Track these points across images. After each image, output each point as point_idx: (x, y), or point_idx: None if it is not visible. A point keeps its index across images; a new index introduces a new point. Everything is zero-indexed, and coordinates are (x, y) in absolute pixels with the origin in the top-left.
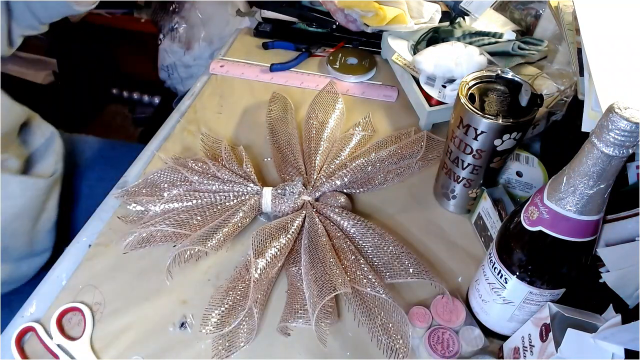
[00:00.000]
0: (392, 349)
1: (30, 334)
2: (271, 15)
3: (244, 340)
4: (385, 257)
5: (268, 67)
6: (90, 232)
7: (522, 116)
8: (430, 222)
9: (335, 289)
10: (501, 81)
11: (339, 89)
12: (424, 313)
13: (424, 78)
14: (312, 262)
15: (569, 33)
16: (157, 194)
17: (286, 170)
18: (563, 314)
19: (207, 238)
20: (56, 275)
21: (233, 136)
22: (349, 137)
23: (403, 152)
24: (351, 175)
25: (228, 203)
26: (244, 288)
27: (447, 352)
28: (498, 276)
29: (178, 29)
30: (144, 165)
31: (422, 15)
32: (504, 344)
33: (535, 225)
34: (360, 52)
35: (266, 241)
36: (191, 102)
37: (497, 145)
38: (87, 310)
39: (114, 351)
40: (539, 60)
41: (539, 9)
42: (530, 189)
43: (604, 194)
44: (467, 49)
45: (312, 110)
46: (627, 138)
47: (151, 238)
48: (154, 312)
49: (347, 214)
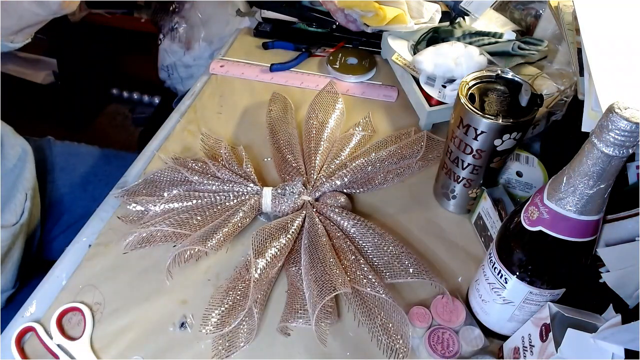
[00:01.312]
0: (392, 349)
1: (30, 334)
2: (271, 15)
3: (244, 340)
4: (385, 257)
5: (268, 67)
6: (90, 232)
7: (522, 116)
8: (430, 222)
9: (335, 289)
10: (501, 81)
11: (339, 89)
12: (424, 313)
13: (424, 78)
14: (312, 262)
15: (569, 33)
16: (157, 194)
17: (286, 170)
18: (563, 314)
19: (207, 238)
20: (56, 275)
21: (233, 136)
22: (349, 137)
23: (403, 152)
24: (351, 175)
25: (228, 203)
26: (244, 288)
27: (447, 352)
28: (498, 276)
29: (178, 29)
30: (144, 165)
31: (422, 15)
32: (504, 344)
33: (535, 225)
34: (360, 52)
35: (266, 241)
36: (191, 102)
37: (497, 145)
38: (87, 310)
39: (114, 351)
40: (539, 60)
41: (539, 9)
42: (530, 189)
43: (604, 194)
44: (467, 49)
45: (312, 110)
46: (627, 138)
47: (151, 238)
48: (154, 312)
49: (347, 214)
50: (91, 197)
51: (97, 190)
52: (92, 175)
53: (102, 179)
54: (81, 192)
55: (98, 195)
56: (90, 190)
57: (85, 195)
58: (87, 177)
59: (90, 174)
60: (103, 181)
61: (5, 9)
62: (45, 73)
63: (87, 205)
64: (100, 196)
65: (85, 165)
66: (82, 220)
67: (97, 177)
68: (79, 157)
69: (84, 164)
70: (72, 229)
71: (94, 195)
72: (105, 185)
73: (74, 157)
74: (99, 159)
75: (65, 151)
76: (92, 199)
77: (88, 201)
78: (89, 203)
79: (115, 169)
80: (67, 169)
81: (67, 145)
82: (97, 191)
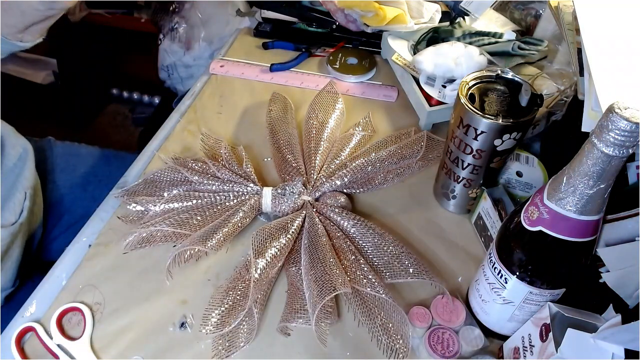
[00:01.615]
0: (392, 349)
1: (30, 334)
2: (271, 15)
3: (244, 340)
4: (385, 257)
5: (268, 67)
6: (90, 232)
7: (522, 116)
8: (430, 222)
9: (335, 289)
10: (501, 81)
11: (339, 89)
12: (424, 313)
13: (424, 78)
14: (312, 262)
15: (569, 33)
16: (157, 194)
17: (286, 170)
18: (563, 314)
19: (207, 238)
20: (56, 275)
21: (233, 136)
22: (349, 137)
23: (403, 152)
24: (351, 175)
25: (228, 203)
26: (244, 288)
27: (447, 352)
28: (498, 276)
29: (178, 29)
30: (144, 165)
31: (422, 15)
32: (504, 344)
33: (535, 225)
34: (360, 52)
35: (266, 241)
36: (191, 102)
37: (497, 145)
38: (87, 310)
39: (114, 351)
40: (539, 60)
41: (539, 9)
42: (530, 189)
43: (604, 194)
44: (467, 49)
45: (312, 110)
46: (627, 138)
47: (151, 238)
48: (154, 312)
49: (347, 214)
50: (91, 197)
51: (97, 190)
52: (92, 175)
53: (102, 180)
54: (81, 192)
55: (98, 195)
56: (90, 191)
57: (85, 195)
58: (87, 177)
59: (91, 175)
60: (103, 182)
61: (6, 6)
62: (45, 73)
63: (88, 206)
64: (100, 196)
65: (86, 166)
66: (82, 220)
67: (97, 177)
68: (79, 157)
69: (84, 165)
70: (72, 229)
71: (94, 195)
72: (105, 185)
73: (74, 158)
74: (99, 160)
75: (66, 152)
76: (92, 199)
77: (88, 201)
78: (89, 203)
79: (115, 169)
80: (67, 169)
81: (68, 145)
82: (97, 191)
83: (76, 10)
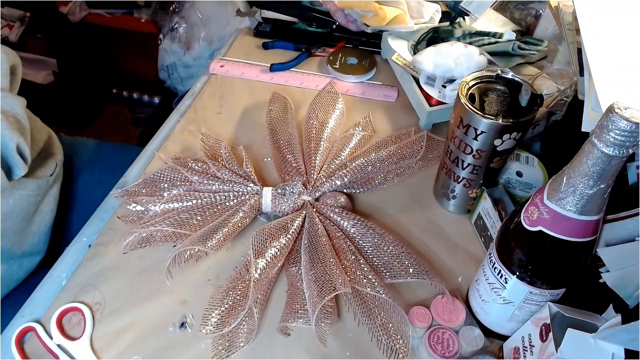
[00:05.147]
0: (392, 349)
1: (30, 334)
2: (271, 15)
3: (244, 340)
4: (385, 257)
5: (268, 67)
6: (90, 232)
7: (522, 116)
8: (430, 222)
9: (335, 289)
10: (501, 81)
11: (339, 89)
12: (424, 313)
13: (424, 78)
14: (312, 262)
15: (569, 33)
16: (157, 194)
17: (286, 170)
18: (563, 314)
19: (207, 238)
20: (56, 275)
21: (233, 136)
22: (349, 137)
23: (403, 152)
24: (351, 175)
25: (228, 203)
26: (244, 288)
27: (447, 352)
28: (498, 276)
29: (178, 29)
30: (144, 165)
31: (422, 15)
32: (504, 344)
33: (535, 225)
34: (360, 52)
35: (266, 241)
36: (191, 102)
37: (497, 145)
38: (87, 310)
39: (114, 351)
40: (539, 60)
41: (539, 9)
42: (530, 189)
43: (604, 194)
44: (467, 49)
45: (312, 110)
46: (627, 138)
47: (151, 238)
48: (154, 312)
49: (347, 214)
50: (97, 181)
51: (102, 174)
52: (99, 161)
53: (107, 164)
54: (89, 176)
55: (104, 179)
56: (96, 175)
57: (92, 179)
58: (94, 162)
59: (97, 160)
60: (109, 166)
61: None
62: (45, 73)
63: (94, 189)
64: (106, 180)
65: (92, 153)
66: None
67: (103, 162)
68: (85, 147)
69: (91, 152)
70: (84, 208)
71: (100, 179)
72: (111, 171)
73: (80, 147)
74: (104, 148)
75: (73, 142)
76: (98, 182)
77: (94, 185)
78: (95, 187)
79: (121, 156)
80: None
81: (75, 139)
82: (102, 175)
83: (76, 10)
